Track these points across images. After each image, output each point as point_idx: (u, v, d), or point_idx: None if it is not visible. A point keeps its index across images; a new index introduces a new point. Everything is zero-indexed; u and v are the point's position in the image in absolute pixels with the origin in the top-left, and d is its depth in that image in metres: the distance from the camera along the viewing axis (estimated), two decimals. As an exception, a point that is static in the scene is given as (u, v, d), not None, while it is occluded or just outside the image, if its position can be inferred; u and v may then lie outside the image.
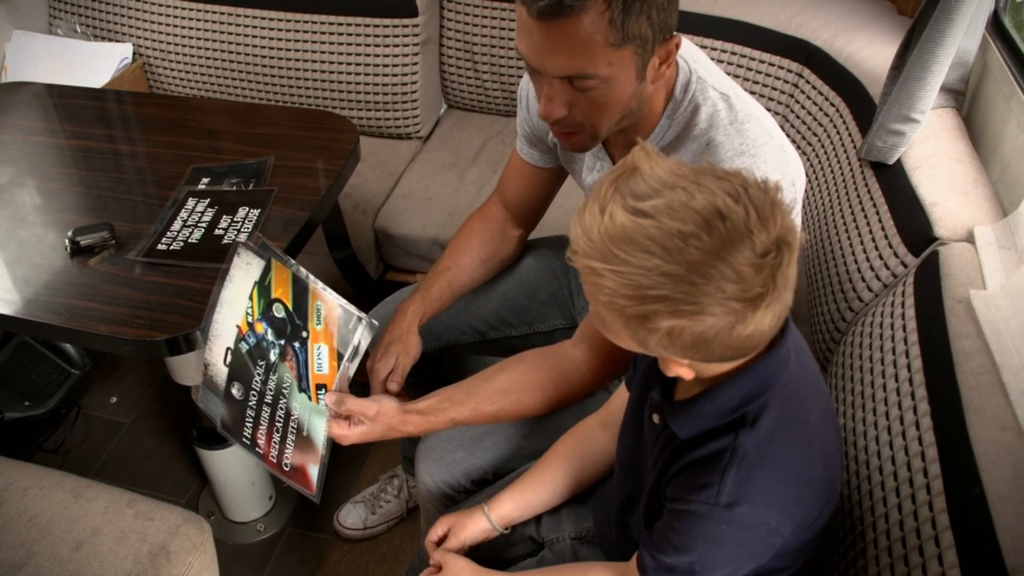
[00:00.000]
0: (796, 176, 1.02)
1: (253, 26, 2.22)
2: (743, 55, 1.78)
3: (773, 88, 1.75)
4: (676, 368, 0.76)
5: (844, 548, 1.00)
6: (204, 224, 1.40)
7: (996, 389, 0.91)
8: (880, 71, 1.46)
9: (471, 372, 1.18)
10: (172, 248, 1.35)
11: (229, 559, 1.74)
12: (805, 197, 1.59)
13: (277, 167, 1.55)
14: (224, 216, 1.41)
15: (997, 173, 1.30)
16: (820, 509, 0.84)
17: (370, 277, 2.05)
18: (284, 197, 1.47)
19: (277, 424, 1.11)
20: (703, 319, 0.67)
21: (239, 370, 1.14)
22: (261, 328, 1.10)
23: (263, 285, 1.09)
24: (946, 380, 0.96)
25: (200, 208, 1.44)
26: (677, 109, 1.06)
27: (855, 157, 1.43)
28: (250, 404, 1.14)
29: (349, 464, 1.93)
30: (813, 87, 1.66)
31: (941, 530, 0.83)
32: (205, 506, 1.87)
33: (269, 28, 2.21)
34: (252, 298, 1.10)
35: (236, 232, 1.38)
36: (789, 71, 1.72)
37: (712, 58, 1.48)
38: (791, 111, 1.72)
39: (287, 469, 1.12)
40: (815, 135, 1.63)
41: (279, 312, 1.07)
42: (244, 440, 1.16)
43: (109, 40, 2.37)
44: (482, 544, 1.14)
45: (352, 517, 1.78)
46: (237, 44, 2.25)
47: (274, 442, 1.12)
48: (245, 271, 1.10)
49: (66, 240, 1.36)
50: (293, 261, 1.06)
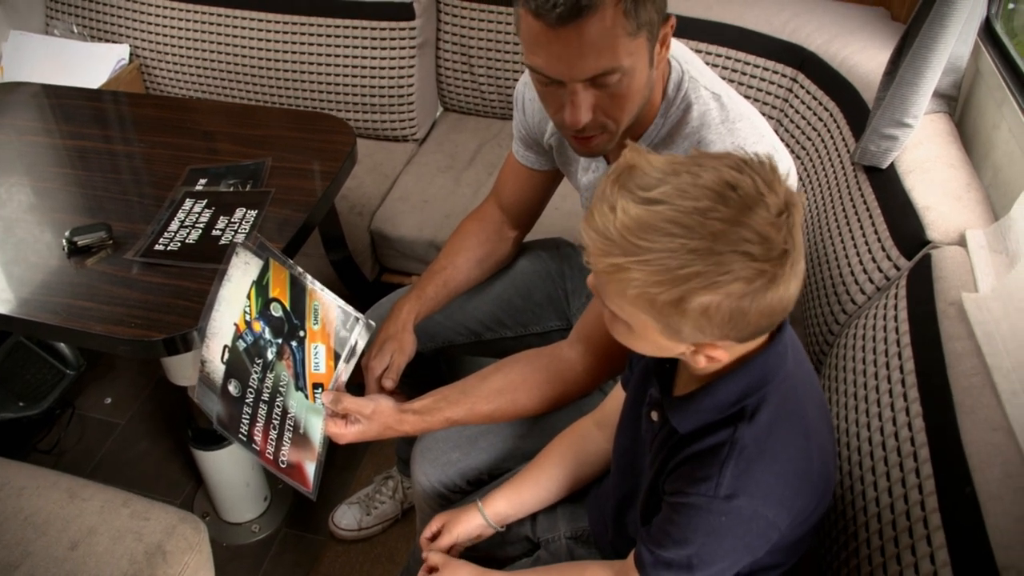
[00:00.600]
0: (789, 175, 1.03)
1: (250, 28, 2.23)
2: (738, 60, 1.79)
3: (767, 93, 1.76)
4: (711, 352, 0.75)
5: (837, 547, 1.01)
6: (201, 225, 1.40)
7: (987, 390, 0.92)
8: (873, 76, 1.47)
9: (466, 373, 1.19)
10: (169, 248, 1.36)
11: (224, 560, 1.74)
12: (799, 201, 1.60)
13: (274, 168, 1.55)
14: (221, 217, 1.42)
15: (989, 177, 1.31)
16: (816, 503, 0.85)
17: (366, 279, 2.05)
18: (281, 198, 1.47)
19: (274, 421, 1.12)
20: (737, 286, 0.68)
21: (236, 368, 1.14)
22: (259, 327, 1.10)
23: (261, 284, 1.09)
24: (938, 382, 0.96)
25: (197, 209, 1.44)
26: (670, 107, 1.07)
27: (848, 161, 1.44)
28: (247, 401, 1.14)
29: (344, 465, 1.93)
30: (807, 92, 1.67)
31: (933, 529, 0.84)
32: (200, 507, 1.86)
33: (266, 30, 2.22)
34: (250, 297, 1.10)
35: (233, 233, 1.38)
36: (783, 76, 1.73)
37: (707, 63, 1.49)
38: (785, 116, 1.73)
39: (283, 466, 1.12)
40: (809, 139, 1.64)
41: (277, 311, 1.08)
42: (240, 437, 1.16)
43: (106, 41, 2.37)
44: (477, 544, 1.15)
45: (347, 518, 1.78)
46: (234, 46, 2.26)
47: (271, 439, 1.13)
48: (243, 270, 1.11)
49: (63, 240, 1.36)
50: (291, 261, 1.07)
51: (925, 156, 1.31)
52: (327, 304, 1.04)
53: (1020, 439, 0.86)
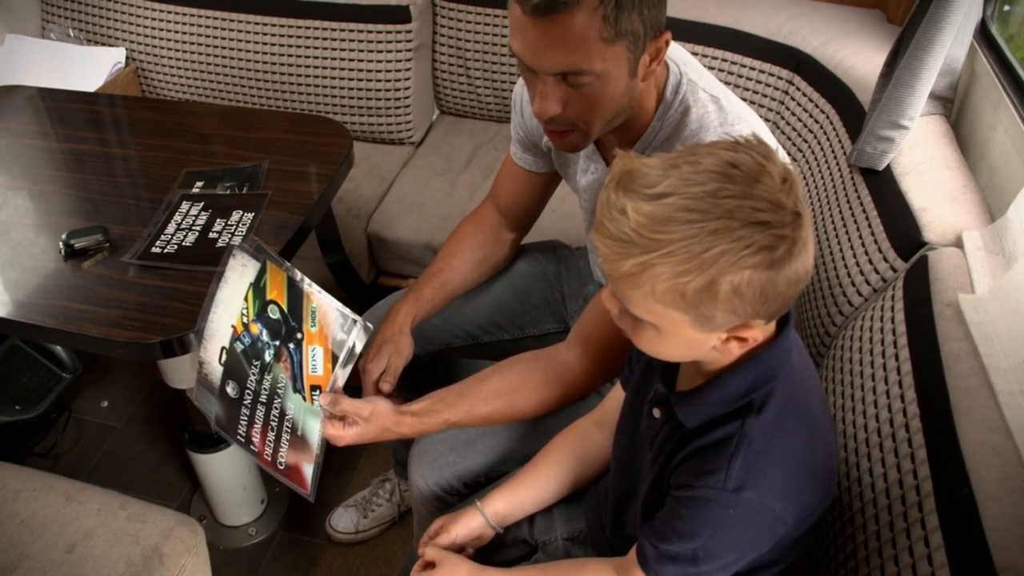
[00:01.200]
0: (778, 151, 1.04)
1: (246, 31, 2.23)
2: (734, 62, 1.80)
3: (764, 95, 1.76)
4: (744, 332, 0.75)
5: (835, 548, 1.01)
6: (198, 227, 1.40)
7: (985, 391, 0.92)
8: (870, 78, 1.48)
9: (464, 376, 1.19)
10: (166, 251, 1.35)
11: (220, 563, 1.74)
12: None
13: (271, 171, 1.55)
14: (218, 219, 1.42)
15: (985, 179, 1.31)
16: (820, 498, 0.85)
17: (363, 281, 2.05)
18: (278, 201, 1.47)
19: (272, 423, 1.12)
20: (761, 256, 0.69)
21: (234, 369, 1.14)
22: (256, 329, 1.10)
23: (258, 287, 1.09)
24: (935, 382, 0.97)
25: (194, 211, 1.44)
26: (668, 111, 1.07)
27: (845, 163, 1.44)
28: (245, 403, 1.14)
29: (341, 468, 1.93)
30: (803, 94, 1.68)
31: (931, 530, 0.84)
32: (196, 510, 1.86)
33: (262, 33, 2.22)
34: (247, 299, 1.10)
35: (230, 236, 1.38)
36: (780, 78, 1.74)
37: (703, 65, 1.50)
38: (781, 118, 1.73)
39: (281, 467, 1.12)
40: (805, 141, 1.64)
41: (274, 313, 1.08)
42: (239, 438, 1.16)
43: (102, 44, 2.37)
44: (474, 547, 1.14)
45: (344, 521, 1.78)
46: (230, 49, 2.26)
47: (268, 440, 1.13)
48: (240, 272, 1.11)
49: (60, 243, 1.36)
50: (288, 263, 1.07)
51: (921, 158, 1.31)
52: (324, 306, 1.04)
53: (1017, 440, 0.86)
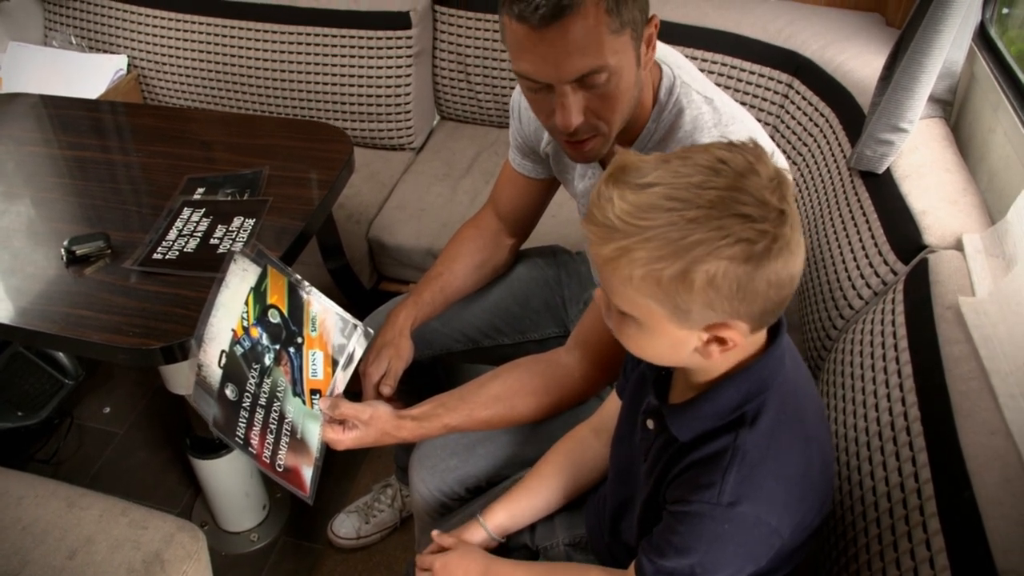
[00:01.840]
0: (774, 154, 1.04)
1: (247, 38, 2.23)
2: (733, 66, 1.80)
3: (763, 99, 1.77)
4: (724, 332, 0.74)
5: (836, 553, 1.01)
6: (199, 233, 1.41)
7: (985, 394, 0.92)
8: (869, 82, 1.48)
9: (464, 380, 1.19)
10: (167, 257, 1.36)
11: (222, 569, 1.73)
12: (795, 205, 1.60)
13: (272, 177, 1.56)
14: (219, 226, 1.42)
15: (985, 182, 1.31)
16: (818, 509, 0.85)
17: (364, 287, 2.05)
18: (279, 207, 1.48)
19: (271, 426, 1.12)
20: (739, 248, 0.68)
21: (233, 372, 1.14)
22: (256, 332, 1.10)
23: (259, 291, 1.09)
24: (936, 385, 0.97)
25: (195, 218, 1.44)
26: (662, 112, 1.07)
27: (845, 166, 1.44)
28: (244, 405, 1.14)
29: (342, 474, 1.93)
30: (803, 98, 1.68)
31: (932, 534, 0.84)
32: (198, 516, 1.86)
33: (263, 40, 2.22)
34: (248, 303, 1.11)
35: (231, 241, 1.38)
36: (779, 82, 1.74)
37: (702, 69, 1.50)
38: (781, 121, 1.74)
39: (280, 470, 1.12)
40: (805, 145, 1.65)
41: (274, 318, 1.08)
42: (237, 440, 1.16)
43: (104, 52, 2.38)
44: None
45: (345, 527, 1.78)
46: (231, 56, 2.26)
47: (267, 443, 1.13)
48: (241, 277, 1.11)
49: (62, 249, 1.36)
50: (289, 268, 1.07)
51: (921, 161, 1.32)
52: (325, 311, 1.04)
53: (1018, 442, 0.86)
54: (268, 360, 1.10)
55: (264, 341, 1.10)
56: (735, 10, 1.84)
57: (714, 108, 1.05)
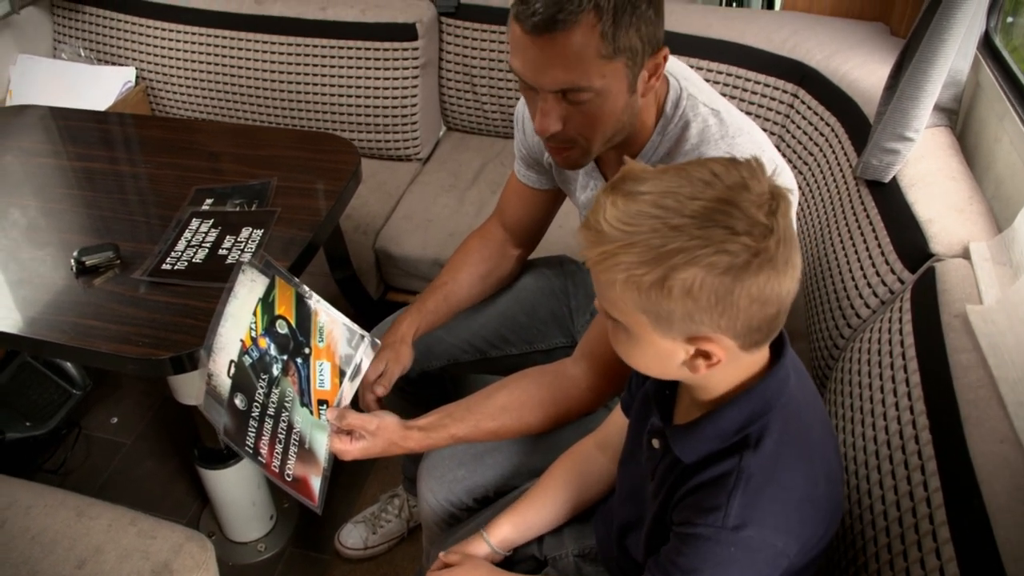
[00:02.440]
0: (778, 172, 1.04)
1: (255, 50, 2.25)
2: (738, 76, 1.81)
3: (768, 109, 1.77)
4: (707, 346, 0.73)
5: (845, 563, 1.01)
6: (208, 244, 1.41)
7: (994, 402, 0.92)
8: (874, 91, 1.48)
9: (472, 391, 1.19)
10: (176, 268, 1.36)
11: (230, 580, 1.74)
12: (802, 215, 1.60)
13: (279, 188, 1.57)
14: (228, 236, 1.43)
15: (991, 190, 1.31)
16: (825, 528, 0.84)
17: (371, 297, 2.06)
18: (286, 218, 1.48)
19: (279, 435, 1.12)
20: (718, 258, 0.68)
21: (242, 382, 1.15)
22: (264, 343, 1.11)
23: (267, 302, 1.10)
24: (944, 394, 0.96)
25: (204, 228, 1.45)
26: (668, 125, 1.08)
27: (851, 176, 1.44)
28: (253, 415, 1.15)
29: (350, 484, 1.93)
30: (808, 107, 1.68)
31: (942, 542, 0.84)
32: (206, 526, 1.86)
33: (270, 52, 2.24)
34: (256, 314, 1.11)
35: (240, 252, 1.39)
36: (784, 92, 1.74)
37: (707, 79, 1.50)
38: (787, 131, 1.74)
39: (289, 479, 1.13)
40: (811, 155, 1.65)
41: (282, 328, 1.08)
42: (247, 449, 1.17)
43: (112, 64, 2.40)
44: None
45: (353, 537, 1.77)
46: (239, 68, 2.28)
47: (276, 453, 1.13)
48: (249, 288, 1.12)
49: (72, 260, 1.37)
50: (296, 279, 1.07)
51: (927, 169, 1.32)
52: (332, 322, 1.04)
53: (1027, 450, 0.85)
54: (276, 370, 1.10)
55: (272, 351, 1.10)
56: (740, 20, 1.85)
57: (720, 120, 1.06)
